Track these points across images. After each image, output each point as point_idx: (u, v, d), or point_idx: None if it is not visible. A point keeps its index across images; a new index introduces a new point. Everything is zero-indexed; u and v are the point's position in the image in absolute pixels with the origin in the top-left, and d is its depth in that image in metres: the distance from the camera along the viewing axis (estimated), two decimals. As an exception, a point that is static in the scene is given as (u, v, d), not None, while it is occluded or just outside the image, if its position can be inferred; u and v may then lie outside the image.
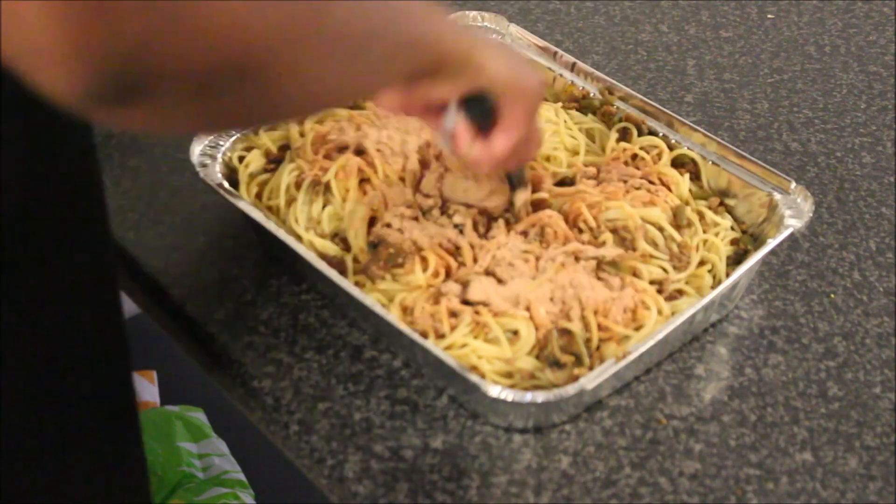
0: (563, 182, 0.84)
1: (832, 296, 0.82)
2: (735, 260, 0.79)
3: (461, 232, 0.78)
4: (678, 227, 0.79)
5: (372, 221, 0.79)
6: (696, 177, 0.85)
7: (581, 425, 0.71)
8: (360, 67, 0.53)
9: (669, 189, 0.83)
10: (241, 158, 0.84)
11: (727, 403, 0.74)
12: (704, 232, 0.80)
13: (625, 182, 0.82)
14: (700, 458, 0.70)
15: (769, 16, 1.18)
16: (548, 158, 0.85)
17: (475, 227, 0.78)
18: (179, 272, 0.81)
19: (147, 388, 1.56)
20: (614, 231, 0.78)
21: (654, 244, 0.78)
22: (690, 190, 0.84)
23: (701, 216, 0.81)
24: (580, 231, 0.79)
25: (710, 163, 0.84)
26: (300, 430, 0.71)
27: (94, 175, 0.61)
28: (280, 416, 0.72)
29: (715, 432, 0.72)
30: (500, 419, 0.71)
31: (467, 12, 0.97)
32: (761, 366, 0.77)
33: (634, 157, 0.85)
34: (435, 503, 0.67)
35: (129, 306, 0.87)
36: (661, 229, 0.78)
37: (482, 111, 0.69)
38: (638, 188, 0.82)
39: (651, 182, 0.82)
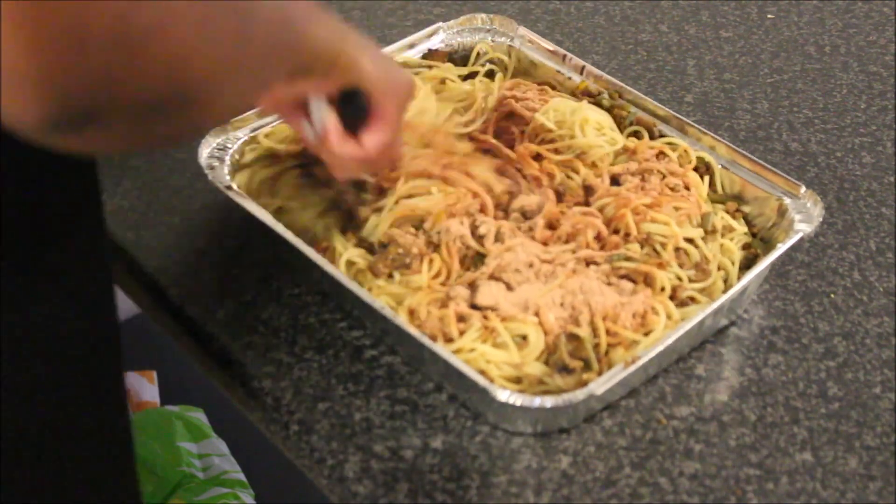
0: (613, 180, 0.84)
1: (832, 296, 0.82)
2: (746, 265, 0.79)
3: (482, 242, 0.77)
4: (704, 233, 0.79)
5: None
6: (709, 181, 0.85)
7: (581, 425, 0.71)
8: (264, 78, 0.57)
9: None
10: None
11: (727, 403, 0.74)
12: (722, 237, 0.80)
13: (663, 178, 0.82)
14: (700, 458, 0.70)
15: (769, 16, 1.18)
16: (594, 164, 0.85)
17: (499, 238, 0.78)
18: (179, 272, 0.81)
19: (147, 388, 1.56)
20: (650, 242, 0.78)
21: (687, 256, 0.78)
22: (708, 194, 0.84)
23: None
24: (615, 232, 0.79)
25: (720, 166, 0.84)
26: (300, 430, 0.71)
27: (90, 171, 0.61)
28: (280, 416, 0.72)
29: (715, 432, 0.72)
30: (508, 424, 0.70)
31: (476, 15, 0.97)
32: (761, 366, 0.77)
33: (660, 155, 0.85)
34: (435, 503, 0.67)
35: (129, 306, 0.87)
36: (697, 247, 0.78)
37: (354, 109, 0.70)
38: (673, 188, 0.82)
39: (687, 188, 0.82)
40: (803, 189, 0.80)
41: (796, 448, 0.71)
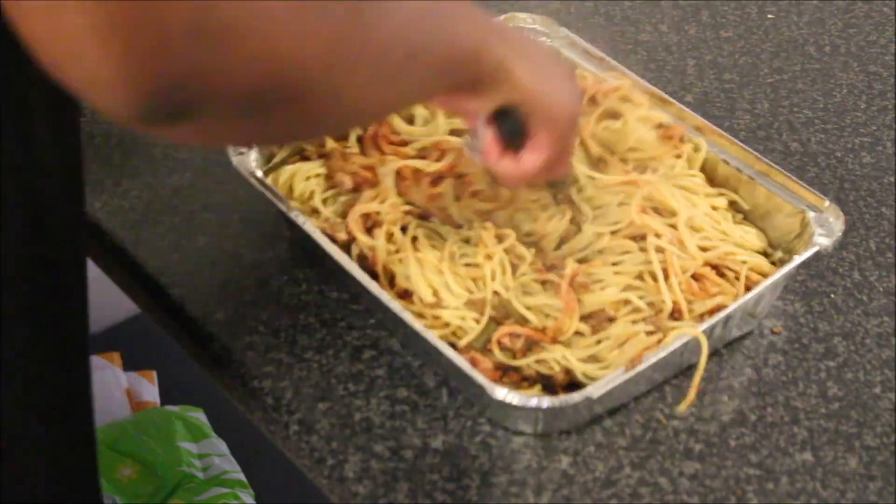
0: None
1: (832, 296, 0.82)
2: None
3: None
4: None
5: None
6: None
7: (581, 425, 0.71)
8: (402, 86, 0.56)
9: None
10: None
11: (727, 403, 0.74)
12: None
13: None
14: (700, 458, 0.70)
15: (769, 16, 1.18)
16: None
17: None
18: (179, 272, 0.81)
19: (147, 388, 1.56)
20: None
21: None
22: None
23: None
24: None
25: (747, 177, 0.82)
26: (300, 430, 0.71)
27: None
28: (280, 416, 0.72)
29: (715, 432, 0.72)
30: (509, 423, 0.71)
31: (517, 14, 0.95)
32: (761, 366, 0.77)
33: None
34: (435, 503, 0.67)
35: (129, 306, 0.87)
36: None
37: (511, 127, 0.68)
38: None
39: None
40: (827, 203, 0.78)
41: (796, 448, 0.71)
